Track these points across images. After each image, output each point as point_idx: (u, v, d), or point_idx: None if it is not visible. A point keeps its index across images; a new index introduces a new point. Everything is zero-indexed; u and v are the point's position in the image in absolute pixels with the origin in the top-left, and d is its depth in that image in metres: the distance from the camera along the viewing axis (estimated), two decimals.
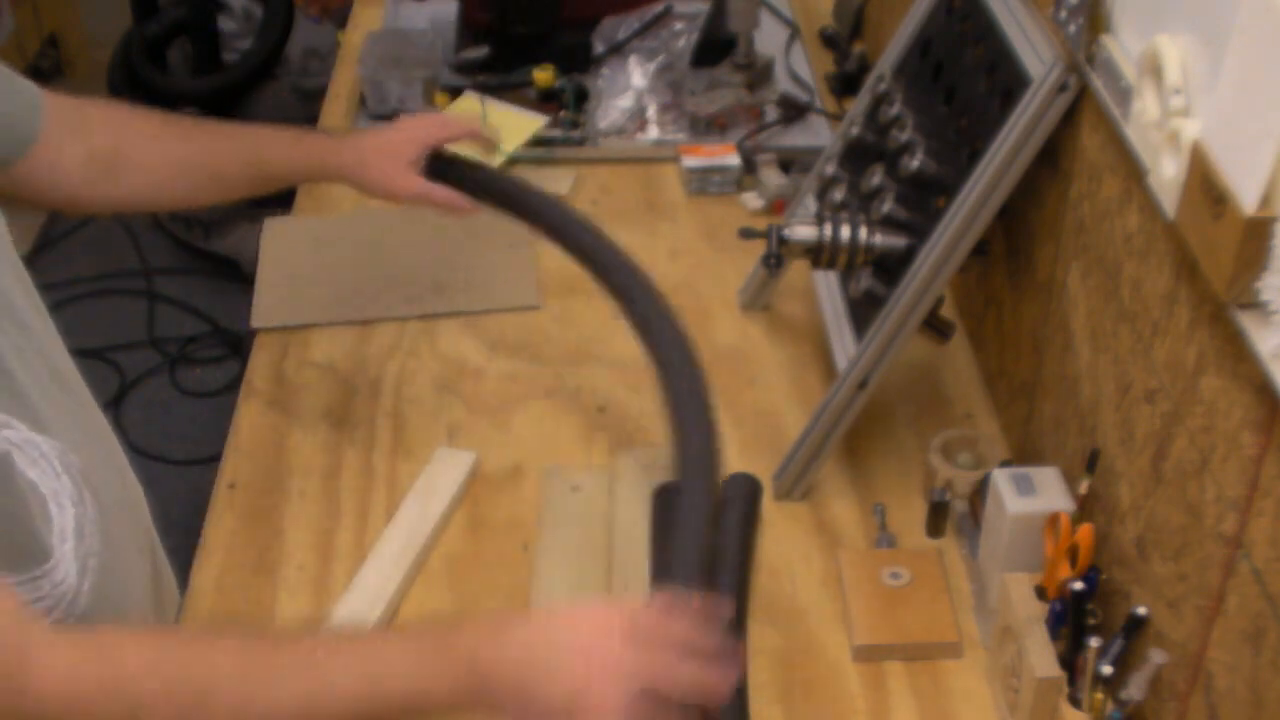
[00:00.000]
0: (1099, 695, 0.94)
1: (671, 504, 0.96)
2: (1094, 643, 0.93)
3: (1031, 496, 1.05)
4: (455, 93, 1.80)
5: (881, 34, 1.80)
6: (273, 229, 1.62)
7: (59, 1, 3.94)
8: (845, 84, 1.84)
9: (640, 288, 1.13)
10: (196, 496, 1.35)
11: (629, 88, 1.81)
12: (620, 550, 1.16)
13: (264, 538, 1.20)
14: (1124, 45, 0.98)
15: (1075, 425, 1.10)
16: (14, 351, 0.93)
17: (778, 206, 1.61)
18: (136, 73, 3.02)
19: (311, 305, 1.49)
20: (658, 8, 1.91)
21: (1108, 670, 0.93)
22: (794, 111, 1.75)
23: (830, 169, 1.34)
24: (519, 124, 1.73)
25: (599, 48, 1.87)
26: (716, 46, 1.76)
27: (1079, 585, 0.95)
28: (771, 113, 1.75)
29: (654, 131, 1.77)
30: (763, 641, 1.10)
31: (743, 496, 1.15)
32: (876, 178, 1.23)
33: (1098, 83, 1.01)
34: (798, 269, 1.35)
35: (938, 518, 1.20)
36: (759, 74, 1.74)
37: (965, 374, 1.38)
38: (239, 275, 2.83)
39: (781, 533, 1.21)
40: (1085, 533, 0.97)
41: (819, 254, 1.22)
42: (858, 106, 1.39)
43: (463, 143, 1.32)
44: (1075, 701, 0.95)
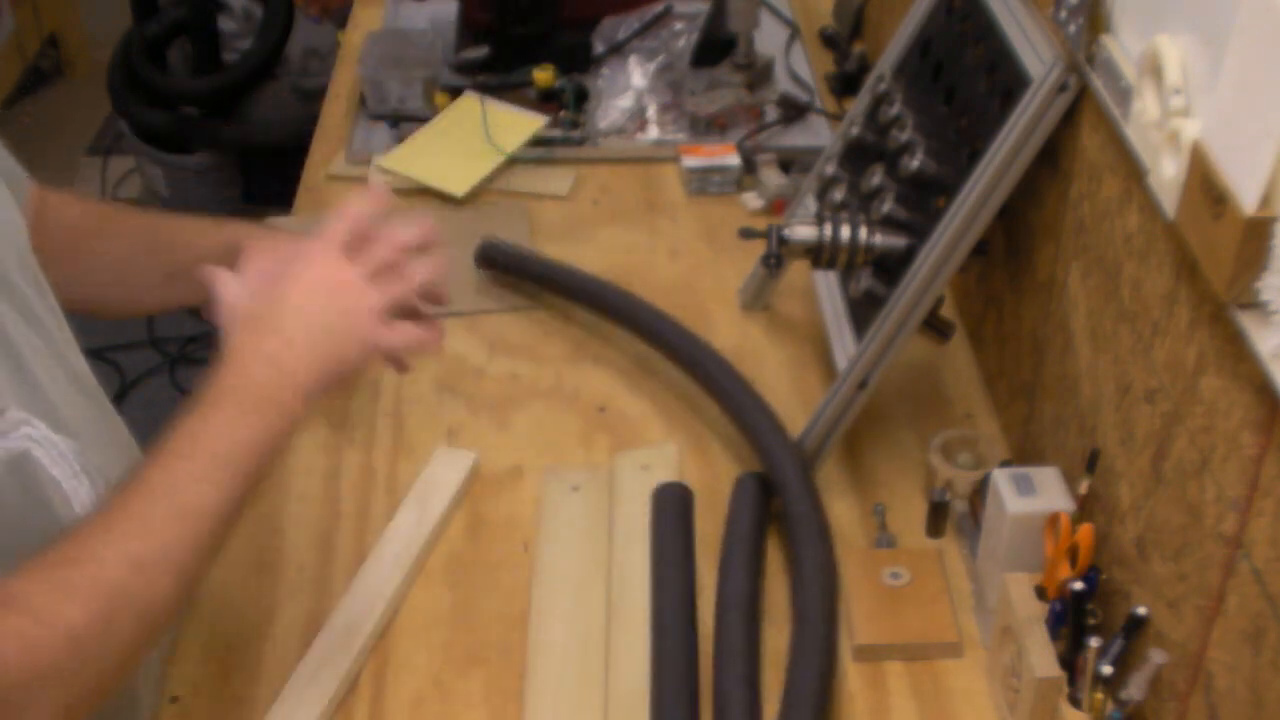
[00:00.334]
0: (1099, 695, 0.94)
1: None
2: (1094, 643, 0.93)
3: (1031, 496, 1.05)
4: (455, 93, 1.80)
5: (881, 34, 1.80)
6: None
7: (59, 1, 3.95)
8: (845, 84, 1.84)
9: (737, 382, 1.27)
10: None
11: (629, 88, 1.81)
12: (620, 550, 1.16)
13: (264, 538, 1.20)
14: (1124, 45, 0.98)
15: (1075, 425, 1.10)
16: (32, 352, 0.94)
17: (778, 206, 1.61)
18: (136, 73, 3.02)
19: None
20: (658, 8, 1.91)
21: (1108, 670, 0.93)
22: (794, 111, 1.75)
23: (830, 169, 1.34)
24: (519, 124, 1.73)
25: (599, 48, 1.87)
26: (716, 46, 1.76)
27: (1079, 585, 0.94)
28: (771, 113, 1.75)
29: (654, 131, 1.77)
30: (762, 641, 1.10)
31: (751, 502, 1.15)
32: (876, 178, 1.23)
33: (1098, 83, 1.01)
34: (798, 269, 1.35)
35: (938, 518, 1.20)
36: (759, 74, 1.74)
37: (965, 374, 1.38)
38: None
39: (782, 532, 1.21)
40: (1085, 533, 0.97)
41: (819, 254, 1.22)
42: (858, 106, 1.39)
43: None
44: (1075, 701, 0.95)
